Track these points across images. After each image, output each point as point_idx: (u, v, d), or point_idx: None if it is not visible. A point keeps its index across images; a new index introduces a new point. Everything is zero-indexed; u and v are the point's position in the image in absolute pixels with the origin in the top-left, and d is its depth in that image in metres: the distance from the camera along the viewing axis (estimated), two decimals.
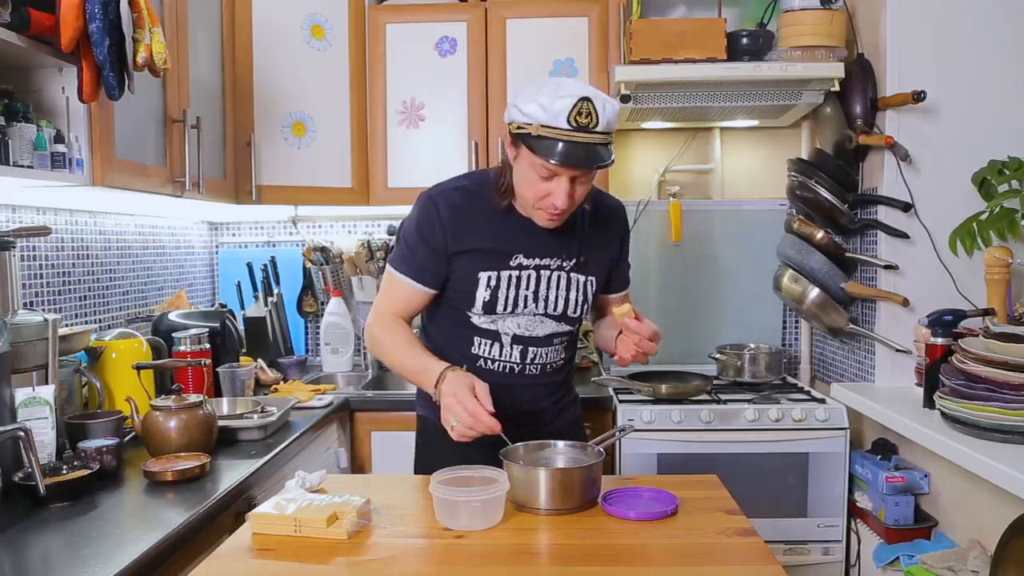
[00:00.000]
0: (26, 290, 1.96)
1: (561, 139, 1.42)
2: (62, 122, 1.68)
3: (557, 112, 1.41)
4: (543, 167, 1.46)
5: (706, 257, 2.96)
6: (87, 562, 1.16)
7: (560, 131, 1.41)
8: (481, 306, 1.60)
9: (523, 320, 1.63)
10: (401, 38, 2.68)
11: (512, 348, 1.65)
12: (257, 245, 3.11)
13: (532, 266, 1.61)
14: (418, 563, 1.18)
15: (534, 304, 1.62)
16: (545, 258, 1.62)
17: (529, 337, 1.65)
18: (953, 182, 2.20)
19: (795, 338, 2.99)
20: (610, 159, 1.47)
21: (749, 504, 1.51)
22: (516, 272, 1.61)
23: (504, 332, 1.64)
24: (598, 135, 1.43)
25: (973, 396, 1.70)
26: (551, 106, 1.41)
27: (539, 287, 1.62)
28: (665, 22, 2.46)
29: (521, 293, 1.61)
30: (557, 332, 1.67)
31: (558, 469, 1.42)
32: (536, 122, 1.43)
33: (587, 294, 1.66)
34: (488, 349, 1.66)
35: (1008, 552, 1.59)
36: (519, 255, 1.61)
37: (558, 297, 1.63)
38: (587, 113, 1.41)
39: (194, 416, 1.70)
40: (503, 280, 1.60)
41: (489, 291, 1.60)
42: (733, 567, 1.16)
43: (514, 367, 1.66)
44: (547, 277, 1.62)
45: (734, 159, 3.02)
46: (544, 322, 1.65)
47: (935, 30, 2.22)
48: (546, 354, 1.68)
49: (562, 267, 1.63)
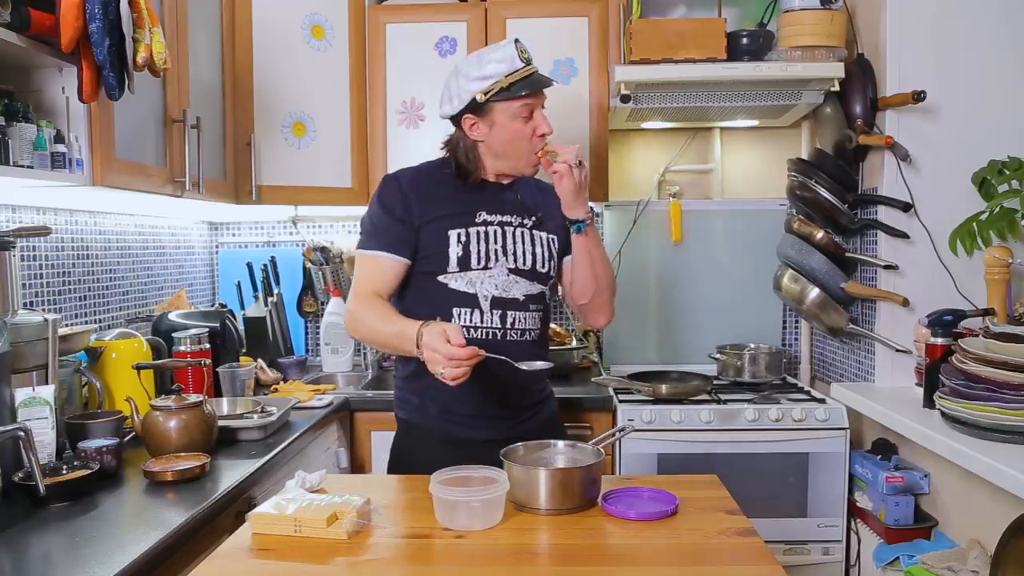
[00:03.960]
0: (26, 290, 1.96)
1: (526, 75, 1.68)
2: (62, 122, 1.68)
3: (510, 59, 1.66)
4: (524, 107, 1.68)
5: (706, 257, 2.96)
6: (87, 562, 1.16)
7: (522, 70, 1.67)
8: (456, 262, 1.69)
9: (500, 279, 1.72)
10: (401, 38, 2.68)
11: (492, 313, 1.72)
12: (257, 245, 3.11)
13: (496, 222, 1.75)
14: (418, 563, 1.18)
15: (504, 258, 1.73)
16: (507, 215, 1.76)
17: (507, 299, 1.73)
18: (953, 182, 2.20)
19: (795, 338, 2.99)
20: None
21: (749, 504, 1.51)
22: (483, 228, 1.73)
23: (483, 295, 1.71)
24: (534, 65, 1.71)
25: (973, 396, 1.70)
26: (504, 57, 1.66)
27: (506, 241, 1.74)
28: (665, 22, 2.46)
29: (491, 247, 1.72)
30: (531, 294, 1.76)
31: (558, 469, 1.42)
32: (500, 75, 1.66)
33: (551, 250, 1.79)
34: (468, 317, 1.71)
35: (1008, 552, 1.60)
36: (482, 212, 1.74)
37: (525, 252, 1.75)
38: (523, 49, 1.68)
39: (194, 416, 1.70)
40: (472, 235, 1.72)
41: (461, 246, 1.71)
42: (733, 567, 1.16)
43: (496, 332, 1.72)
44: (512, 232, 1.75)
45: (734, 159, 3.02)
46: (518, 281, 1.74)
47: (935, 30, 2.22)
48: (524, 319, 1.75)
49: (523, 223, 1.77)
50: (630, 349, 2.98)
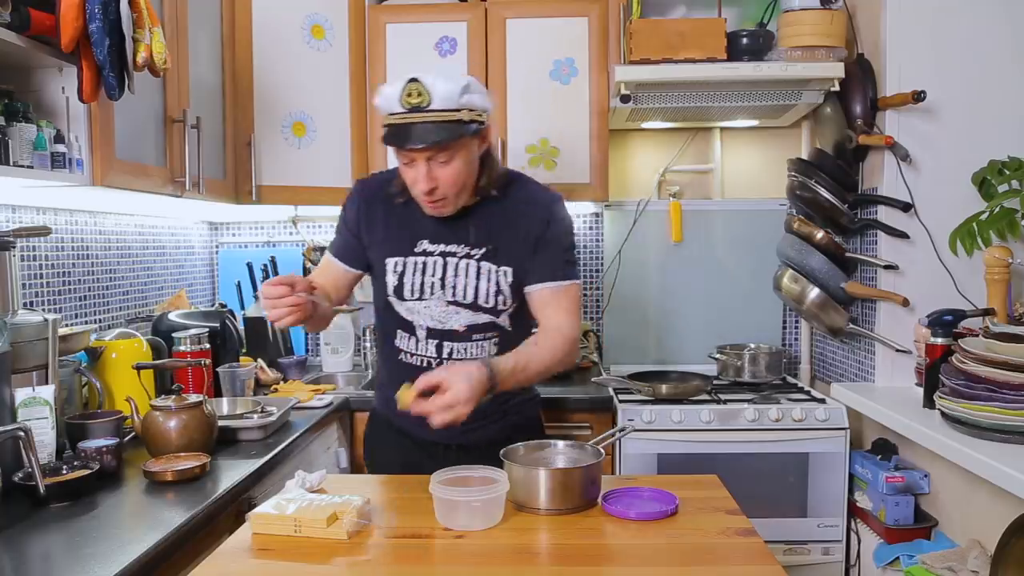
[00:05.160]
0: (26, 290, 1.96)
1: (399, 123, 1.47)
2: (62, 122, 1.68)
3: (391, 98, 1.48)
4: (398, 154, 1.52)
5: (706, 257, 2.96)
6: (87, 562, 1.16)
7: (397, 115, 1.47)
8: (392, 290, 1.65)
9: (436, 311, 1.64)
10: (401, 38, 2.68)
11: (428, 342, 1.66)
12: (257, 245, 3.11)
13: (437, 252, 1.64)
14: (418, 563, 1.18)
15: (441, 291, 1.63)
16: (451, 245, 1.63)
17: (444, 331, 1.64)
18: (953, 182, 2.20)
19: (795, 338, 2.99)
20: (454, 135, 1.47)
21: (749, 504, 1.51)
22: (421, 258, 1.64)
23: (419, 325, 1.65)
24: (435, 113, 1.45)
25: (973, 396, 1.70)
26: (387, 93, 1.48)
27: (446, 273, 1.63)
28: (665, 22, 2.46)
29: (427, 279, 1.63)
30: (475, 324, 1.64)
31: (558, 469, 1.42)
32: (383, 112, 1.50)
33: (500, 284, 1.63)
34: (406, 342, 1.68)
35: (1008, 552, 1.59)
36: (424, 241, 1.64)
37: (467, 285, 1.62)
38: (417, 92, 1.45)
39: (194, 416, 1.70)
40: (408, 266, 1.64)
41: (396, 276, 1.65)
42: (733, 567, 1.16)
43: (431, 361, 1.66)
44: (454, 264, 1.63)
45: (734, 159, 3.02)
46: (459, 312, 1.63)
47: (935, 30, 2.22)
48: (466, 350, 1.65)
49: (470, 255, 1.63)
50: (630, 349, 2.98)
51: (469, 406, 1.35)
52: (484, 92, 1.54)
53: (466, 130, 1.48)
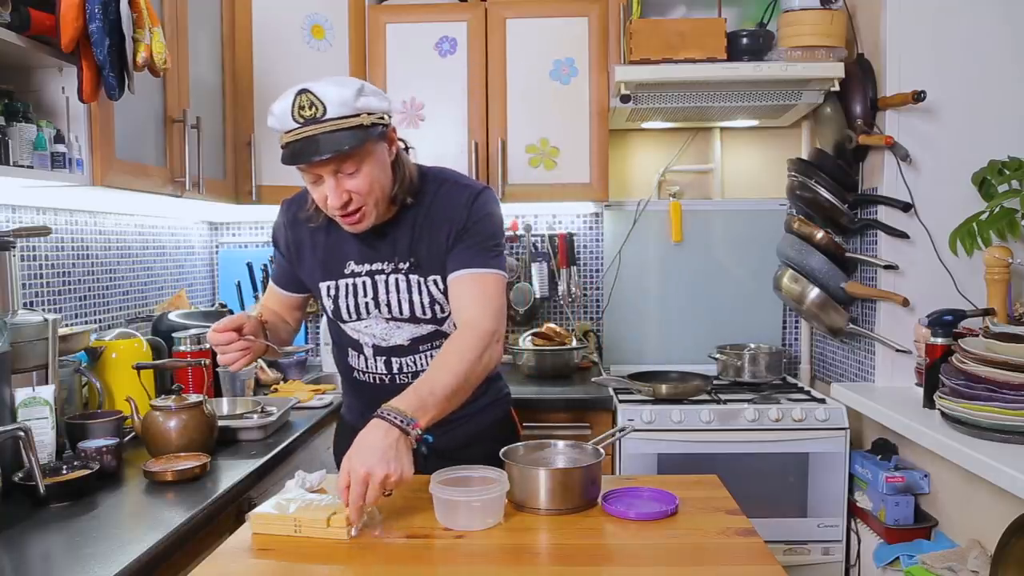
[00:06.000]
0: (26, 290, 1.96)
1: (296, 139, 1.38)
2: (62, 122, 1.68)
3: (283, 114, 1.39)
4: (303, 173, 1.43)
5: (706, 257, 2.96)
6: (87, 562, 1.16)
7: (293, 131, 1.38)
8: (332, 313, 1.61)
9: (377, 329, 1.58)
10: (401, 38, 2.68)
11: (376, 359, 1.60)
12: (257, 245, 3.11)
13: (364, 272, 1.56)
14: (418, 563, 1.18)
15: (377, 310, 1.56)
16: (376, 263, 1.56)
17: (389, 347, 1.58)
18: (953, 182, 2.20)
19: (795, 338, 2.99)
20: (358, 141, 1.37)
21: (749, 504, 1.51)
22: (351, 280, 1.57)
23: (365, 343, 1.60)
24: (332, 122, 1.36)
25: (973, 396, 1.70)
26: (278, 110, 1.40)
27: (377, 292, 1.56)
28: (665, 22, 2.46)
29: (360, 300, 1.57)
30: (419, 336, 1.58)
31: (558, 469, 1.42)
32: (278, 131, 1.41)
33: (432, 294, 1.55)
34: (356, 360, 1.64)
35: (1008, 552, 1.60)
36: (351, 262, 1.57)
37: (400, 300, 1.55)
38: (309, 104, 1.37)
39: (194, 416, 1.70)
40: (341, 289, 1.58)
41: (331, 300, 1.59)
42: (733, 567, 1.16)
43: (383, 378, 1.61)
44: (383, 282, 1.55)
45: (734, 159, 3.02)
46: (400, 327, 1.57)
47: (935, 30, 2.22)
48: (415, 361, 1.59)
49: (397, 269, 1.55)
50: (630, 349, 2.98)
51: (381, 466, 1.22)
52: (380, 93, 1.45)
53: (369, 134, 1.39)
